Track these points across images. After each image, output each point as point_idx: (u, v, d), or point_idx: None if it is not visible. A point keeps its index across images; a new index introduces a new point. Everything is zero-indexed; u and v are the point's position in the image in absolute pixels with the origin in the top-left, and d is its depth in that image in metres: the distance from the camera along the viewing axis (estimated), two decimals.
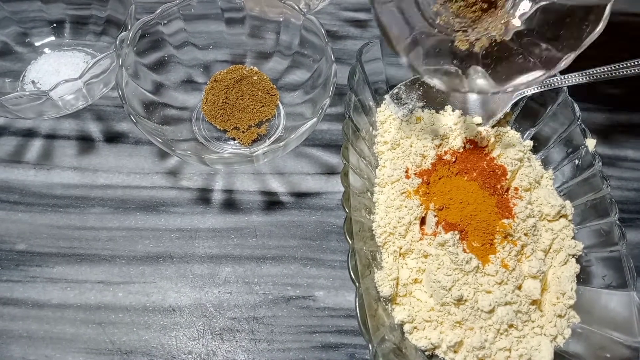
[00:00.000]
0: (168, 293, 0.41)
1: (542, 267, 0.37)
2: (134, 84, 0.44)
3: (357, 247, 0.36)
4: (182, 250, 0.43)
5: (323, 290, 0.42)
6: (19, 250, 0.43)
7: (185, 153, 0.40)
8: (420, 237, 0.40)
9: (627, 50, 0.58)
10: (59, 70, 0.50)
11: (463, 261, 0.37)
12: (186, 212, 0.45)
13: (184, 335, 0.39)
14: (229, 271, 0.42)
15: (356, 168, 0.40)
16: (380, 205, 0.41)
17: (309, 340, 0.40)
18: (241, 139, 0.47)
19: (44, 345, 0.39)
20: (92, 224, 0.44)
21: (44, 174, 0.47)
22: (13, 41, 0.52)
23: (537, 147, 0.45)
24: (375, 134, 0.46)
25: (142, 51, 0.46)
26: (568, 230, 0.40)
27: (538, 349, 0.36)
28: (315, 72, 0.48)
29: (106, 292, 0.41)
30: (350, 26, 0.58)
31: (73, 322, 0.40)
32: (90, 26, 0.54)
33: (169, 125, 0.46)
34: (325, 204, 0.46)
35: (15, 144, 0.48)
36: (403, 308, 0.37)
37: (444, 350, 0.36)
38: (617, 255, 0.37)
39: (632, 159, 0.50)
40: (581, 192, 0.41)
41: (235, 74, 0.49)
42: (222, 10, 0.49)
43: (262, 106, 0.48)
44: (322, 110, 0.41)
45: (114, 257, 0.43)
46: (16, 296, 0.41)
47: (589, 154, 0.41)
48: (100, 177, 0.47)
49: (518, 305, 0.36)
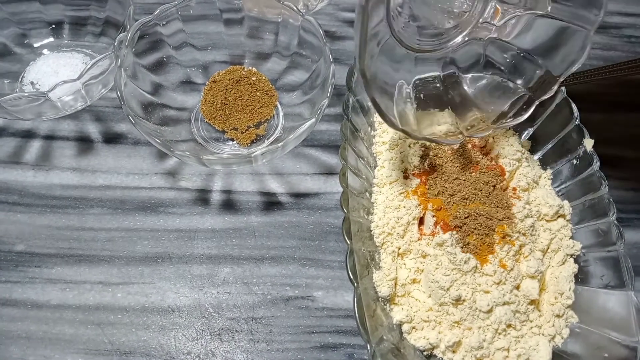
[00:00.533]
0: (167, 293, 0.41)
1: (540, 267, 0.38)
2: (132, 85, 0.44)
3: (355, 247, 0.36)
4: (181, 250, 0.43)
5: (322, 290, 0.42)
6: (17, 251, 0.43)
7: (183, 154, 0.40)
8: (419, 237, 0.40)
9: (624, 50, 0.58)
10: (58, 72, 0.50)
11: (461, 261, 0.37)
12: (185, 213, 0.45)
13: (183, 335, 0.40)
14: (227, 271, 0.42)
15: (355, 168, 0.40)
16: (378, 205, 0.41)
17: (308, 340, 0.40)
18: (240, 140, 0.47)
19: (43, 346, 0.39)
20: (91, 224, 0.44)
21: (42, 174, 0.47)
22: (12, 42, 0.52)
23: (535, 147, 0.46)
24: (374, 135, 0.46)
25: (141, 52, 0.46)
26: (566, 230, 0.40)
27: (536, 348, 0.36)
28: (313, 72, 0.48)
29: (105, 293, 0.41)
30: (349, 27, 0.58)
31: (72, 322, 0.40)
32: (89, 27, 0.54)
33: (167, 126, 0.46)
34: (323, 205, 0.46)
35: (14, 145, 0.48)
36: (401, 308, 0.37)
37: (442, 350, 0.36)
38: (615, 255, 0.37)
39: (630, 158, 0.50)
40: (579, 192, 0.41)
41: (234, 75, 0.49)
42: (221, 11, 0.49)
43: (260, 107, 0.48)
44: (320, 111, 0.41)
45: (113, 257, 0.43)
46: (15, 297, 0.41)
47: (587, 154, 0.41)
48: (99, 177, 0.47)
49: (516, 305, 0.36)
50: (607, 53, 0.58)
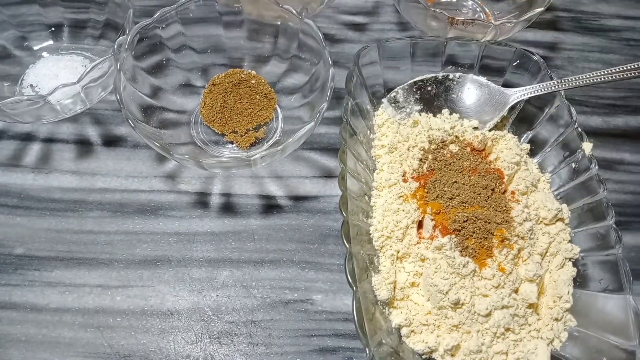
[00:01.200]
0: (166, 297, 0.41)
1: (538, 271, 0.38)
2: (132, 88, 0.44)
3: (354, 250, 0.36)
4: (180, 254, 0.43)
5: (321, 293, 0.42)
6: (17, 254, 0.43)
7: (183, 157, 0.40)
8: (418, 240, 0.40)
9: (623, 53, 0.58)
10: (58, 74, 0.50)
11: (460, 265, 0.37)
12: (184, 216, 0.45)
13: (182, 339, 0.40)
14: (227, 275, 0.42)
15: (354, 172, 0.40)
16: (377, 208, 0.41)
17: (307, 343, 0.40)
18: (239, 143, 0.47)
19: (42, 349, 0.39)
20: (90, 227, 0.44)
21: (42, 177, 0.47)
22: (12, 45, 0.52)
23: (534, 150, 0.46)
24: (373, 138, 0.46)
25: (140, 55, 0.46)
26: (565, 233, 0.40)
27: (535, 352, 0.36)
28: (313, 75, 0.48)
29: (104, 296, 0.41)
30: (348, 30, 0.58)
31: (71, 326, 0.40)
32: (88, 30, 0.54)
33: (167, 129, 0.46)
34: (323, 208, 0.46)
35: (14, 148, 0.48)
36: (400, 312, 0.37)
37: (441, 353, 0.36)
38: (613, 258, 0.37)
39: (628, 162, 0.50)
40: (578, 196, 0.41)
41: (234, 78, 0.49)
42: (220, 14, 0.49)
43: (260, 110, 0.49)
44: (319, 114, 0.41)
45: (112, 261, 0.43)
46: (14, 300, 0.41)
47: (585, 158, 0.41)
48: (99, 181, 0.47)
49: (515, 309, 0.36)
50: (606, 56, 0.58)
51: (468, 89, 0.47)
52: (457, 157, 0.43)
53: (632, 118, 0.53)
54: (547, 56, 0.57)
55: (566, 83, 0.43)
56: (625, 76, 0.43)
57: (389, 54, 0.47)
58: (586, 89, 0.54)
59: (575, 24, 0.60)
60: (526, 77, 0.47)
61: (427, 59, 0.48)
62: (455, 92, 0.47)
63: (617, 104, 0.54)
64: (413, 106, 0.48)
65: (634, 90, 0.55)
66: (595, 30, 0.60)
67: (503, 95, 0.46)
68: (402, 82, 0.48)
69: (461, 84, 0.47)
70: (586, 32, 0.60)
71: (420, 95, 0.48)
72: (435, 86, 0.47)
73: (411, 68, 0.48)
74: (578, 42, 0.59)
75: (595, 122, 0.53)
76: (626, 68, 0.43)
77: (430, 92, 0.48)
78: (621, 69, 0.43)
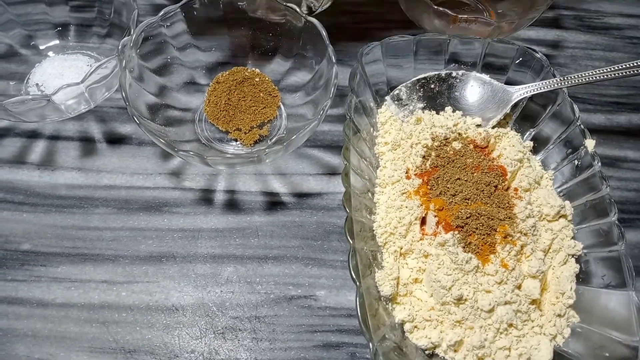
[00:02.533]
0: (171, 292, 0.42)
1: (541, 267, 0.38)
2: (137, 86, 0.44)
3: (358, 247, 0.36)
4: (185, 250, 0.44)
5: (324, 289, 0.42)
6: (23, 250, 0.43)
7: (188, 154, 0.40)
8: (421, 237, 0.40)
9: (626, 51, 0.58)
10: (63, 74, 0.51)
11: (463, 261, 0.37)
12: (189, 213, 0.45)
13: (187, 334, 0.40)
14: (231, 271, 0.43)
15: (357, 169, 0.40)
16: (381, 205, 0.42)
17: (311, 339, 0.40)
18: (243, 140, 0.48)
19: (49, 344, 0.39)
20: (96, 224, 0.45)
21: (48, 174, 0.47)
22: (18, 44, 0.53)
23: (537, 147, 0.46)
24: (376, 135, 0.46)
25: (145, 54, 0.46)
26: (568, 230, 0.40)
27: (537, 348, 0.36)
28: (316, 73, 0.48)
29: (110, 292, 0.41)
30: (352, 28, 0.59)
31: (77, 321, 0.40)
32: (94, 29, 0.54)
33: (171, 126, 0.47)
34: (326, 205, 0.46)
35: (20, 145, 0.49)
36: (403, 307, 0.38)
37: (444, 349, 0.36)
38: (616, 255, 0.37)
39: (631, 159, 0.50)
40: (581, 193, 0.41)
41: (237, 76, 0.49)
42: (225, 13, 0.50)
43: (263, 107, 0.49)
44: (323, 112, 0.41)
45: (118, 256, 0.43)
46: (21, 295, 0.41)
47: (588, 155, 0.41)
48: (104, 177, 0.47)
49: (518, 305, 0.37)
50: (609, 54, 0.58)
51: (471, 86, 0.47)
52: (460, 154, 0.44)
53: (635, 116, 0.53)
54: (550, 54, 0.57)
55: (569, 80, 0.43)
56: (628, 74, 0.43)
57: (392, 52, 0.47)
58: (589, 87, 0.54)
59: (578, 22, 0.60)
60: (529, 75, 0.47)
61: (430, 57, 0.48)
62: (458, 89, 0.48)
63: (620, 101, 0.54)
64: (416, 104, 0.48)
65: (637, 87, 0.55)
66: (598, 28, 0.60)
67: (506, 93, 0.46)
68: (405, 79, 0.48)
69: (464, 82, 0.47)
70: (589, 30, 0.60)
71: (423, 93, 0.48)
72: (438, 84, 0.48)
73: (414, 66, 0.48)
74: (581, 40, 0.59)
75: (598, 119, 0.53)
76: (629, 65, 0.43)
77: (433, 89, 0.48)
78: (624, 67, 0.43)
